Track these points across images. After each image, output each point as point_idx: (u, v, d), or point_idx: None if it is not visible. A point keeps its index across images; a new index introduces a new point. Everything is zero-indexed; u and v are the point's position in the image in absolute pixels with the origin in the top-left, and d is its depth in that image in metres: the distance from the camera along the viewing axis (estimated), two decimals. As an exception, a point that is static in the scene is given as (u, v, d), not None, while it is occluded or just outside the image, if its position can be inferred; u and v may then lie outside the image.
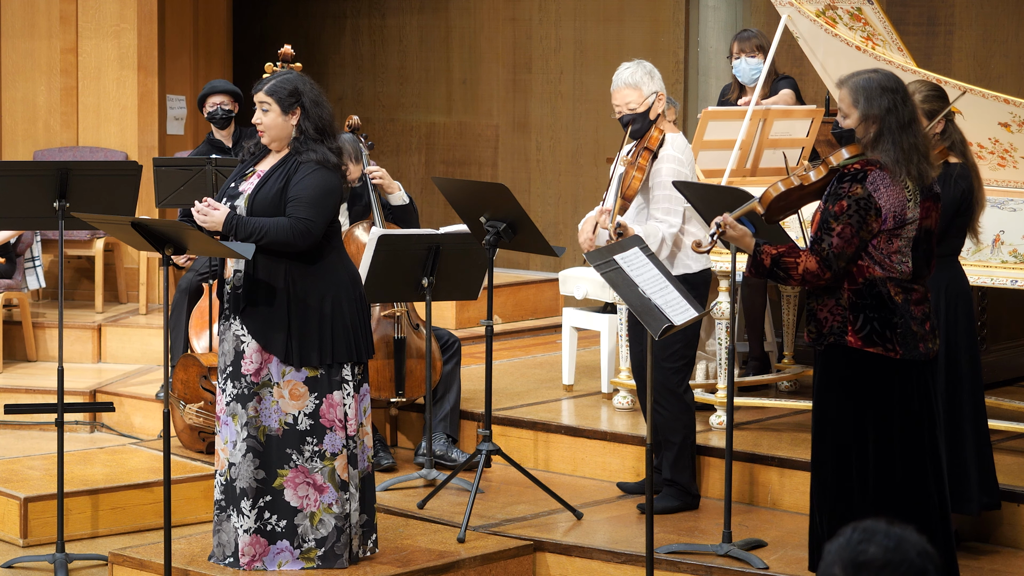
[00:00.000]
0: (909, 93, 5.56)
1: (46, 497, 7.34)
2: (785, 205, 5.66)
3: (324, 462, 6.28)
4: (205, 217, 6.17)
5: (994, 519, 6.74)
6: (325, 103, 6.32)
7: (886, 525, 3.01)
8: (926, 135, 5.58)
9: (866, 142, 5.49)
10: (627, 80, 7.04)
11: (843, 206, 5.44)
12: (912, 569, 2.96)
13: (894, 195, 5.44)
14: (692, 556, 6.54)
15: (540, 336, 10.47)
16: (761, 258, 5.57)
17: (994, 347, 8.38)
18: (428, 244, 7.37)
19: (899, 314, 5.48)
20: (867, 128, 5.48)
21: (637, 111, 7.02)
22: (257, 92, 6.31)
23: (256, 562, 6.28)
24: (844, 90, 5.54)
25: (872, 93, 5.47)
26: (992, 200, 7.13)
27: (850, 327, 5.49)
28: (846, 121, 5.53)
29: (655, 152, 6.98)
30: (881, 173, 5.45)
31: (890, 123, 5.45)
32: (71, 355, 9.91)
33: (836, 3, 7.71)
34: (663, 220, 6.93)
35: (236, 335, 6.27)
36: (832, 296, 5.53)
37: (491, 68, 12.07)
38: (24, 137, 11.11)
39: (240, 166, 6.46)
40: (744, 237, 5.64)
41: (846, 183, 5.47)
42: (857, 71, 5.63)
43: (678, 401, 7.05)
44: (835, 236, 5.44)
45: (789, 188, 5.58)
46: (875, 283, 5.48)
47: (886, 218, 5.44)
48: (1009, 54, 10.18)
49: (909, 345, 5.50)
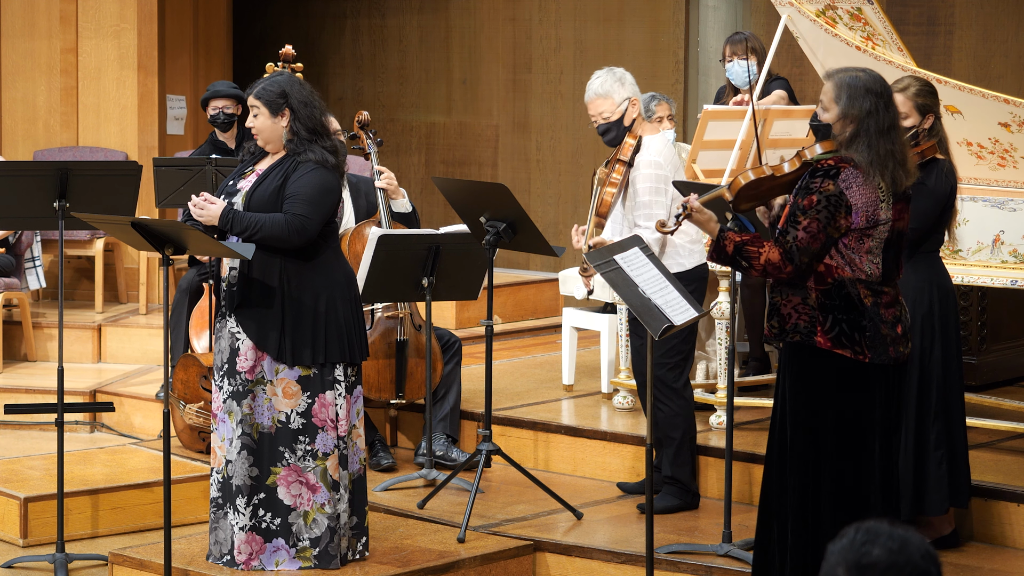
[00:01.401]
0: (893, 99, 5.51)
1: (46, 497, 7.34)
2: (755, 195, 5.61)
3: (316, 461, 6.29)
4: (201, 211, 6.19)
5: (994, 519, 6.75)
6: (316, 103, 6.31)
7: (889, 526, 3.01)
8: (904, 143, 5.50)
9: (841, 140, 5.42)
10: (597, 90, 7.02)
11: (812, 200, 5.37)
12: (916, 571, 2.95)
13: (867, 194, 5.38)
14: (692, 556, 6.55)
15: (540, 336, 10.47)
16: (724, 244, 5.50)
17: (994, 347, 8.38)
18: (428, 244, 7.37)
19: (868, 317, 5.42)
20: (844, 126, 5.42)
21: (612, 119, 7.01)
22: (248, 96, 6.33)
23: (253, 560, 6.29)
24: (829, 84, 5.49)
25: (855, 92, 5.41)
26: (992, 200, 7.13)
27: (819, 327, 5.43)
28: (825, 115, 5.48)
29: (629, 161, 6.97)
30: (854, 171, 5.39)
31: (868, 126, 5.38)
32: (71, 355, 9.91)
33: (836, 3, 7.71)
34: (645, 227, 6.92)
35: (232, 332, 6.28)
36: (798, 294, 5.46)
37: (491, 68, 12.07)
38: (24, 137, 11.12)
39: (240, 165, 6.48)
40: (709, 222, 5.60)
41: (818, 178, 5.41)
42: (846, 67, 5.58)
43: (677, 397, 7.05)
44: (801, 230, 5.37)
45: (760, 177, 5.53)
46: (844, 284, 5.42)
47: (857, 217, 5.38)
48: (1009, 54, 10.18)
49: (878, 349, 5.44)
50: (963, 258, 7.18)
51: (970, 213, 7.16)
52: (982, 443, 7.34)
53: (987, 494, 6.75)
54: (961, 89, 7.34)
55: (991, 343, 8.34)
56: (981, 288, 8.03)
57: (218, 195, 6.33)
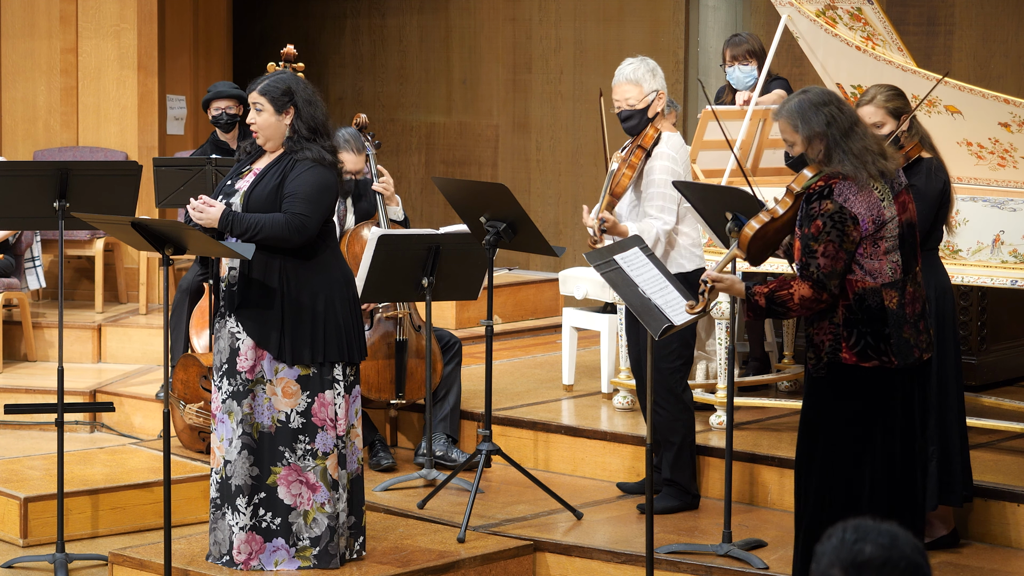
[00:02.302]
0: (842, 100, 5.57)
1: (46, 497, 7.34)
2: (764, 244, 5.67)
3: (316, 461, 6.29)
4: (200, 214, 6.18)
5: (994, 519, 6.75)
6: (319, 102, 6.33)
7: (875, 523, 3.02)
8: (872, 133, 5.59)
9: (819, 160, 5.50)
10: (629, 76, 7.02)
11: (819, 225, 5.44)
12: (911, 565, 2.97)
13: (865, 199, 5.44)
14: (692, 556, 6.55)
15: (540, 336, 10.47)
16: (755, 300, 5.56)
17: (994, 347, 8.38)
18: (428, 244, 7.37)
19: (891, 324, 5.48)
20: (815, 147, 5.50)
21: (636, 107, 7.01)
22: (251, 92, 6.33)
23: (253, 560, 6.29)
24: (781, 121, 5.58)
25: (806, 113, 5.50)
26: (992, 200, 7.13)
27: (844, 343, 5.49)
28: (794, 149, 5.57)
29: (649, 150, 6.98)
30: (845, 182, 5.45)
31: (834, 135, 5.46)
32: (71, 355, 9.91)
33: (836, 3, 7.71)
34: (657, 217, 6.93)
35: (231, 332, 6.28)
36: (826, 317, 5.53)
37: (491, 68, 12.07)
38: (24, 137, 11.12)
39: (236, 165, 6.47)
40: (734, 285, 5.65)
41: (815, 202, 5.47)
42: (787, 98, 5.67)
43: (677, 401, 7.05)
44: (820, 257, 5.43)
45: (762, 224, 5.60)
46: (865, 296, 5.48)
47: (865, 224, 5.43)
48: (1009, 54, 10.18)
49: (904, 353, 5.51)
50: (963, 258, 7.18)
51: (970, 213, 7.16)
52: (982, 443, 7.34)
53: (987, 494, 6.75)
54: (961, 89, 7.34)
55: (991, 343, 8.34)
56: (981, 288, 8.03)
57: (216, 195, 6.33)
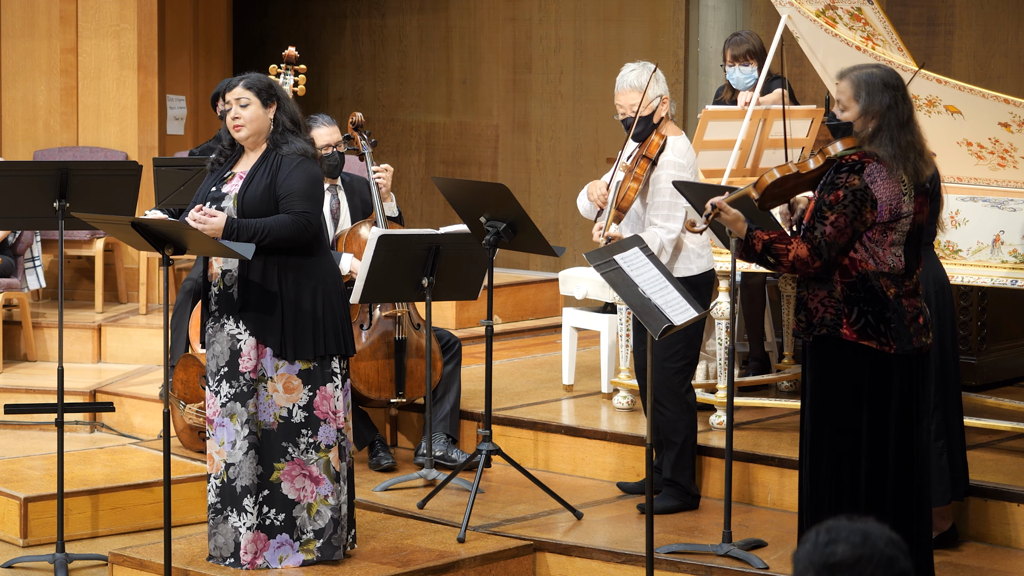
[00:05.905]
0: (908, 91, 5.59)
1: (46, 497, 7.34)
2: (779, 193, 5.68)
3: (320, 454, 6.31)
4: (203, 225, 6.15)
5: (994, 519, 6.75)
6: (292, 99, 6.52)
7: (848, 522, 3.03)
8: (920, 133, 5.61)
9: (864, 136, 5.52)
10: (632, 83, 6.98)
11: (839, 196, 5.47)
12: (884, 560, 2.99)
13: (890, 188, 5.48)
14: (692, 556, 6.55)
15: (540, 336, 10.47)
16: (752, 243, 5.61)
17: (994, 347, 8.38)
18: (428, 244, 7.37)
19: (892, 309, 5.52)
20: (866, 123, 5.52)
21: (640, 114, 6.98)
22: (233, 88, 6.36)
23: (258, 559, 6.30)
24: (845, 83, 5.57)
25: (874, 88, 5.51)
26: (992, 200, 7.13)
27: (845, 319, 5.53)
28: (845, 114, 5.55)
29: (654, 160, 6.95)
30: (878, 166, 5.49)
31: (890, 120, 5.49)
32: (71, 355, 9.91)
33: (836, 3, 7.71)
34: (662, 227, 6.92)
35: (231, 334, 6.28)
36: (824, 287, 5.56)
37: (491, 68, 12.07)
38: (24, 137, 11.11)
39: (220, 170, 6.43)
40: (737, 221, 5.67)
41: (843, 173, 5.50)
42: (859, 64, 5.66)
43: (680, 401, 7.05)
44: (828, 225, 5.47)
45: (785, 175, 5.60)
46: (868, 277, 5.52)
47: (881, 211, 5.47)
48: (1009, 54, 10.18)
49: (903, 340, 5.53)
50: (963, 258, 7.18)
51: (970, 213, 7.16)
52: (982, 443, 7.34)
53: (987, 494, 6.76)
54: (961, 89, 7.34)
55: (991, 343, 8.35)
56: (981, 288, 8.03)
57: (196, 203, 6.30)
